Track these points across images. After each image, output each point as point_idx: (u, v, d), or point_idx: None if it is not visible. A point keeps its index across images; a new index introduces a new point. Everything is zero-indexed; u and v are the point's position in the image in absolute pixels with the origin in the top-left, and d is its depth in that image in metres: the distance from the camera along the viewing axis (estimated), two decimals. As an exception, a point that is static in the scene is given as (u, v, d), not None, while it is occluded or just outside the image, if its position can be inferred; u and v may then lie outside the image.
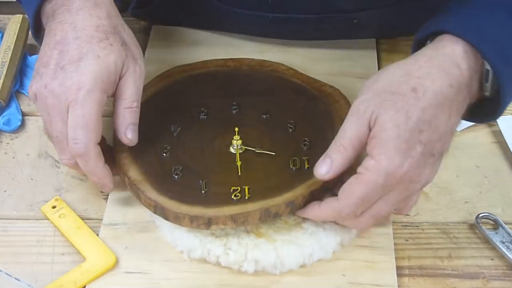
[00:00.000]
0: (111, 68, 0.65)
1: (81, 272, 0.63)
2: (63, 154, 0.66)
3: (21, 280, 0.64)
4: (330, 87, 0.77)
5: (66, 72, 0.64)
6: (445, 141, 0.60)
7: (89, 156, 0.64)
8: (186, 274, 0.64)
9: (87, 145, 0.63)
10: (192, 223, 0.63)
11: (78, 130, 0.63)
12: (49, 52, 0.66)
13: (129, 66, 0.67)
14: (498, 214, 0.69)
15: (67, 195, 0.71)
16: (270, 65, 0.81)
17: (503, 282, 0.64)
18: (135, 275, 0.64)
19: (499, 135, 0.77)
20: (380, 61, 0.88)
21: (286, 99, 0.76)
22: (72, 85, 0.63)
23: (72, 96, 0.63)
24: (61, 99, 0.64)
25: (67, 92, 0.63)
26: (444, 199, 0.72)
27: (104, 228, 0.68)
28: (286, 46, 0.88)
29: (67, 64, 0.64)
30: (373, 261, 0.65)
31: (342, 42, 0.88)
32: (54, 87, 0.64)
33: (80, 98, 0.63)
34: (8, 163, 0.75)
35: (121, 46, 0.66)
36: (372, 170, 0.58)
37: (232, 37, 0.89)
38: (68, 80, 0.63)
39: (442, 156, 0.61)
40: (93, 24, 0.66)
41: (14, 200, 0.71)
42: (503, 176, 0.74)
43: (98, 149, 0.65)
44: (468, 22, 0.61)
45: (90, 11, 0.67)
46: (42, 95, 0.65)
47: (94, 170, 0.65)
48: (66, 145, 0.64)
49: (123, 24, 0.70)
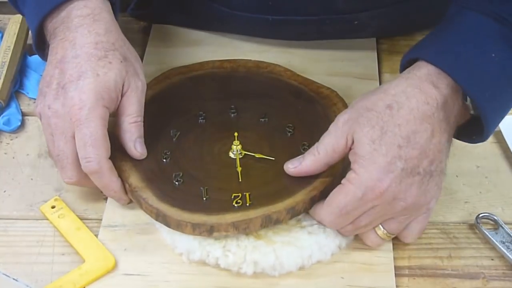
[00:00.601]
0: (111, 86, 0.65)
1: (80, 273, 0.63)
2: (64, 173, 0.66)
3: (19, 280, 0.64)
4: (327, 89, 0.77)
5: (67, 92, 0.64)
6: (433, 160, 0.60)
7: (102, 172, 0.64)
8: (185, 276, 0.64)
9: (99, 161, 0.64)
10: (194, 231, 0.63)
11: (88, 149, 0.63)
12: (51, 71, 0.66)
13: (130, 82, 0.67)
14: (498, 214, 0.69)
15: (67, 195, 0.71)
16: (266, 66, 0.80)
17: (503, 282, 0.64)
18: (134, 277, 0.64)
19: (499, 135, 0.77)
20: (380, 61, 0.87)
21: (283, 102, 0.76)
22: (74, 105, 0.64)
23: (76, 116, 0.63)
24: (65, 119, 0.64)
25: (70, 112, 0.64)
26: (444, 199, 0.71)
27: (103, 230, 0.68)
28: (286, 47, 0.88)
29: (68, 83, 0.65)
30: (372, 264, 0.65)
31: (342, 42, 0.88)
32: (57, 108, 0.65)
33: (83, 117, 0.63)
34: (8, 163, 0.75)
35: (120, 63, 0.67)
36: (353, 182, 0.60)
37: (231, 38, 0.89)
38: (69, 100, 0.64)
39: (433, 176, 0.61)
40: (92, 41, 0.66)
41: (14, 200, 0.71)
42: (503, 176, 0.74)
43: (110, 164, 0.65)
44: (442, 49, 0.63)
45: (89, 27, 0.67)
46: (46, 115, 0.65)
47: (110, 184, 0.66)
48: (67, 163, 0.65)
49: (123, 38, 0.70)
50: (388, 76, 0.86)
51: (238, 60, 0.82)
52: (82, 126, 0.63)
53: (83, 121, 0.63)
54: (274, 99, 0.76)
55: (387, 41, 0.91)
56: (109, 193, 0.67)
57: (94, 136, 0.63)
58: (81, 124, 0.63)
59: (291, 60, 0.85)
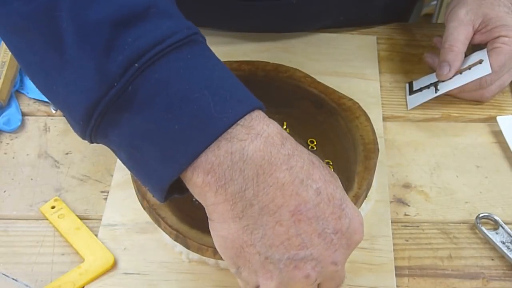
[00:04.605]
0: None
1: (79, 272, 0.63)
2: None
3: (18, 280, 0.64)
4: (349, 100, 0.74)
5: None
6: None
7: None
8: (184, 276, 0.64)
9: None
10: (215, 255, 0.60)
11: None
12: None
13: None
14: (498, 214, 0.69)
15: (67, 195, 0.71)
16: (286, 71, 0.78)
17: (503, 282, 0.64)
18: (133, 276, 0.64)
19: (499, 135, 0.77)
20: (380, 61, 0.88)
21: (304, 113, 0.74)
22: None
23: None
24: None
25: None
26: (444, 199, 0.71)
27: (103, 229, 0.68)
28: (286, 45, 0.88)
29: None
30: (372, 263, 0.65)
31: (342, 42, 0.88)
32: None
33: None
34: (8, 163, 0.75)
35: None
36: (509, 43, 0.78)
37: (231, 38, 0.89)
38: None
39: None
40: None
41: (14, 200, 0.71)
42: (503, 176, 0.74)
43: None
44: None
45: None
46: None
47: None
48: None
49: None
50: (388, 76, 0.86)
51: (257, 62, 0.79)
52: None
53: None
54: (294, 108, 0.75)
55: (387, 41, 0.91)
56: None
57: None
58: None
59: (291, 60, 0.85)
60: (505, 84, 0.82)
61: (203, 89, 0.49)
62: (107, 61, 0.47)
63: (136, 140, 0.49)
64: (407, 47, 0.91)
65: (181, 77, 0.49)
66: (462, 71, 0.79)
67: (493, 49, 0.78)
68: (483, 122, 0.80)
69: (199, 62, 0.50)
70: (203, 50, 0.52)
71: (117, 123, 0.49)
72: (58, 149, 0.76)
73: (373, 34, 0.92)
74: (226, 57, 0.82)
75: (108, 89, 0.47)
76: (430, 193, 0.72)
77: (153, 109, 0.48)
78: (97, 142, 0.52)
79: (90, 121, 0.49)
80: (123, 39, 0.48)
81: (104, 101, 0.48)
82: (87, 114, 0.49)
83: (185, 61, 0.49)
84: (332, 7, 0.87)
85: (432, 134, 0.79)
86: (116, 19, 0.47)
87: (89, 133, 0.50)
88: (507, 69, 0.80)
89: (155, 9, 0.49)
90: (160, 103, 0.48)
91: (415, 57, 0.89)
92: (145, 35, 0.48)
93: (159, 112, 0.48)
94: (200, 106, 0.48)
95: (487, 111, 0.82)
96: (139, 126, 0.49)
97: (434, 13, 1.49)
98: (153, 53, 0.48)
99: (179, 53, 0.49)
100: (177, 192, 0.52)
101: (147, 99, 0.48)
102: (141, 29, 0.48)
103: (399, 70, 0.87)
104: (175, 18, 0.51)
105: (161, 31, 0.49)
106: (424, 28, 0.94)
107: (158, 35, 0.48)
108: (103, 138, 0.51)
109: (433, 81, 0.81)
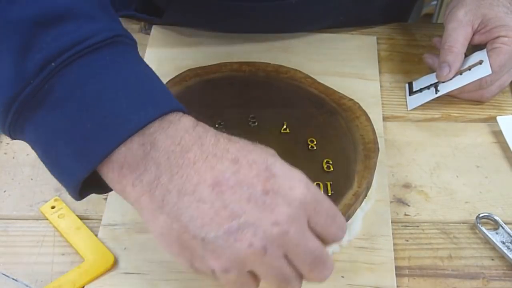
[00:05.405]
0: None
1: (79, 272, 0.63)
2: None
3: (18, 280, 0.64)
4: (349, 100, 0.75)
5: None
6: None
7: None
8: (184, 275, 0.64)
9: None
10: None
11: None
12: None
13: None
14: (498, 214, 0.69)
15: (67, 195, 0.70)
16: (286, 72, 0.79)
17: (503, 283, 0.64)
18: (133, 276, 0.64)
19: (499, 135, 0.77)
20: (380, 61, 0.88)
21: (305, 113, 0.75)
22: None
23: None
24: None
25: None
26: (444, 199, 0.71)
27: (103, 229, 0.68)
28: (286, 46, 0.88)
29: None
30: (372, 263, 0.65)
31: (342, 41, 0.88)
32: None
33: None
34: (8, 163, 0.75)
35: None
36: (508, 43, 0.78)
37: (231, 38, 0.89)
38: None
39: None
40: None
41: (14, 200, 0.71)
42: (503, 176, 0.74)
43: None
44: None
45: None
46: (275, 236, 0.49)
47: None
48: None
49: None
50: (388, 76, 0.86)
51: (257, 63, 0.80)
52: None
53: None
54: (295, 108, 0.75)
55: (387, 41, 0.91)
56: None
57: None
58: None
59: (291, 60, 0.85)
60: (505, 84, 0.82)
61: (118, 90, 0.50)
62: (25, 58, 0.49)
63: (50, 137, 0.51)
64: (407, 47, 0.91)
65: (97, 78, 0.50)
66: (462, 72, 0.79)
67: (493, 50, 0.78)
68: (483, 122, 0.80)
69: (118, 63, 0.51)
70: (125, 52, 0.53)
71: (33, 120, 0.51)
72: (58, 149, 0.76)
73: (373, 34, 0.92)
74: (226, 57, 0.83)
75: (24, 86, 0.49)
76: (430, 193, 0.72)
77: (67, 108, 0.49)
78: (17, 138, 0.54)
79: (7, 117, 0.51)
80: (42, 38, 0.49)
81: (20, 98, 0.50)
82: (4, 109, 0.50)
83: (103, 62, 0.50)
84: (332, 7, 0.87)
85: (432, 134, 0.79)
86: (37, 19, 0.49)
87: (7, 128, 0.52)
88: (507, 69, 0.80)
89: (77, 10, 0.51)
90: (74, 102, 0.49)
91: (415, 57, 0.89)
92: (64, 36, 0.49)
93: (73, 111, 0.49)
94: (114, 106, 0.49)
95: (487, 111, 0.82)
96: (53, 124, 0.50)
97: (434, 13, 1.50)
98: (71, 53, 0.49)
99: (97, 54, 0.50)
100: (96, 190, 0.54)
101: (62, 98, 0.49)
102: (61, 30, 0.50)
103: (399, 70, 0.87)
104: (97, 20, 0.52)
105: (81, 32, 0.50)
106: (424, 28, 0.94)
107: (77, 36, 0.50)
108: (21, 134, 0.53)
109: (433, 81, 0.81)
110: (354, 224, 0.67)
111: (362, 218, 0.68)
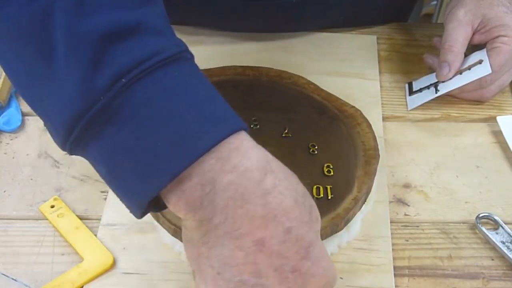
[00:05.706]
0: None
1: (78, 272, 0.63)
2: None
3: (18, 280, 0.64)
4: (352, 107, 0.75)
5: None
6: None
7: None
8: (184, 276, 0.64)
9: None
10: None
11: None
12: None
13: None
14: (498, 214, 0.69)
15: (67, 195, 0.71)
16: (289, 77, 0.79)
17: (503, 283, 0.64)
18: (132, 276, 0.64)
19: (499, 135, 0.77)
20: (380, 61, 0.88)
21: (307, 118, 0.75)
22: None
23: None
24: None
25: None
26: (444, 199, 0.71)
27: (102, 229, 0.68)
28: (286, 45, 0.88)
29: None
30: (371, 264, 0.65)
31: (342, 41, 0.88)
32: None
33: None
34: (8, 163, 0.75)
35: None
36: (508, 43, 0.78)
37: (231, 37, 0.89)
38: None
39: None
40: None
41: (14, 200, 0.71)
42: (503, 176, 0.74)
43: None
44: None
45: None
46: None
47: None
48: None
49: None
50: (388, 76, 0.86)
51: (261, 68, 0.80)
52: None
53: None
54: (297, 113, 0.75)
55: (387, 41, 0.91)
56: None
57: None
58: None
59: (291, 60, 0.85)
60: (505, 84, 0.81)
61: (189, 107, 0.48)
62: (94, 74, 0.47)
63: (117, 155, 0.49)
64: (407, 47, 0.91)
65: (167, 95, 0.48)
66: (462, 72, 0.79)
67: (493, 49, 0.78)
68: (483, 122, 0.80)
69: (185, 80, 0.50)
70: (190, 68, 0.52)
71: (99, 137, 0.49)
72: (58, 149, 0.74)
73: (373, 34, 0.92)
74: (226, 57, 0.83)
75: (93, 103, 0.47)
76: (430, 193, 0.72)
77: (136, 125, 0.48)
78: (76, 154, 0.52)
79: (72, 133, 0.49)
80: (112, 53, 0.47)
81: (88, 115, 0.47)
82: (70, 126, 0.48)
83: (171, 78, 0.49)
84: (332, 7, 0.87)
85: (432, 134, 0.79)
86: (106, 33, 0.47)
87: (69, 145, 0.50)
88: (507, 69, 0.79)
89: (145, 25, 0.49)
90: (144, 119, 0.48)
91: (415, 57, 0.89)
92: (133, 51, 0.48)
93: (142, 129, 0.48)
94: (184, 124, 0.48)
95: (487, 111, 0.82)
96: (121, 142, 0.48)
97: (434, 13, 1.50)
98: (140, 69, 0.47)
99: (166, 70, 0.49)
100: (153, 208, 0.52)
101: (131, 115, 0.48)
102: (130, 45, 0.48)
103: (399, 70, 0.87)
104: (164, 35, 0.51)
105: (150, 47, 0.49)
106: (424, 28, 0.94)
107: (146, 51, 0.48)
108: (83, 151, 0.51)
109: (433, 81, 0.81)
110: (353, 226, 0.67)
111: (361, 220, 0.68)
